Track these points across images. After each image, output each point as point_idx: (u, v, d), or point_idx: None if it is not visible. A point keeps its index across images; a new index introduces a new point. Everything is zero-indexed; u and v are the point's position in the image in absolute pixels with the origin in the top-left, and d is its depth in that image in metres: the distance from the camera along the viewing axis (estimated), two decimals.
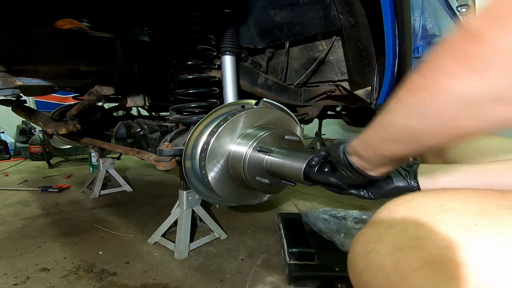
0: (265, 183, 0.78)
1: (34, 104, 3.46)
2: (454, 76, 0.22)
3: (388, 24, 0.88)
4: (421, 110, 0.27)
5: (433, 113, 0.26)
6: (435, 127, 0.27)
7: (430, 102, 0.25)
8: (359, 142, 0.43)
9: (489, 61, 0.20)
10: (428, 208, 0.30)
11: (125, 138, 1.28)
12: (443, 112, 0.25)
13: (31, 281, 0.94)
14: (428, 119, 0.26)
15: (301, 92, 1.42)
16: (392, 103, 0.31)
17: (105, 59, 1.10)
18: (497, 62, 0.20)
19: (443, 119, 0.25)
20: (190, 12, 0.94)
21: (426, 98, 0.25)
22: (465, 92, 0.22)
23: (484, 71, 0.20)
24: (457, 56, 0.22)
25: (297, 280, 0.92)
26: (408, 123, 0.29)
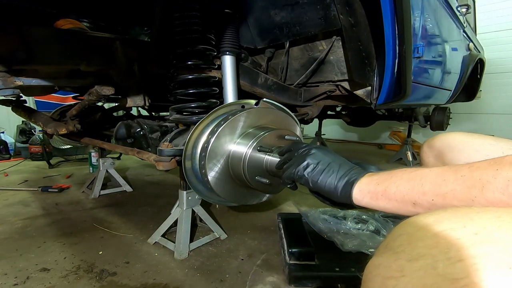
0: (265, 183, 0.78)
1: (34, 104, 3.46)
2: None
3: (388, 24, 0.88)
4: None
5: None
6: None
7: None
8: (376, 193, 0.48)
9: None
10: (460, 236, 0.25)
11: (125, 138, 1.28)
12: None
13: (31, 281, 0.94)
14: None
15: (301, 92, 1.42)
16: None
17: (105, 59, 1.09)
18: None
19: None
20: (190, 12, 0.93)
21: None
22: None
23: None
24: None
25: (297, 280, 0.92)
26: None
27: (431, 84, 1.48)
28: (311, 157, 0.61)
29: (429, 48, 1.35)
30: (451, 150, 0.71)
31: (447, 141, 0.73)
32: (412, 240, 0.27)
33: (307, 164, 0.60)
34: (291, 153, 0.67)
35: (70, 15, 1.23)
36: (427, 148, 0.79)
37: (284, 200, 1.69)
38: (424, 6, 1.18)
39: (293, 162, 0.64)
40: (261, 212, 1.52)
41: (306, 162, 0.60)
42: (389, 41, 0.91)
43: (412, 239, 0.28)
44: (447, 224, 0.26)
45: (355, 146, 4.27)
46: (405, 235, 0.29)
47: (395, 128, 3.77)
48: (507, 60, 3.40)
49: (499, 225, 0.24)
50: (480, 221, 0.26)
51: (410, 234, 0.28)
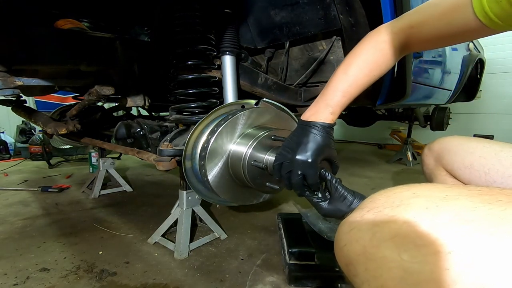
0: (260, 167, 0.78)
1: (34, 104, 3.46)
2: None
3: None
4: None
5: None
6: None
7: None
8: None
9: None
10: (402, 195, 0.37)
11: (125, 138, 1.28)
12: None
13: (31, 281, 0.94)
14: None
15: (301, 92, 1.42)
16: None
17: (105, 59, 1.09)
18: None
19: None
20: (190, 12, 0.93)
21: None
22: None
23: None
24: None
25: (297, 280, 0.92)
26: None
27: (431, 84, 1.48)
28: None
29: None
30: (448, 153, 0.75)
31: (444, 144, 0.78)
32: (373, 200, 0.40)
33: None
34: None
35: (70, 15, 1.23)
36: (427, 151, 0.83)
37: (284, 200, 1.70)
38: None
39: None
40: (261, 212, 1.52)
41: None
42: None
43: (373, 200, 0.40)
44: (397, 190, 0.39)
45: (355, 146, 4.27)
46: (370, 199, 0.41)
47: (395, 128, 3.77)
48: (507, 60, 3.40)
49: (429, 188, 0.37)
50: (419, 186, 0.38)
51: (372, 197, 0.41)
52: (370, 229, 0.36)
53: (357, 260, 0.36)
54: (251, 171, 0.79)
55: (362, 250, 0.36)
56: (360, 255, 0.36)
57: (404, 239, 0.32)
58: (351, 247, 0.38)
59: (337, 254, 0.42)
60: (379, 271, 0.33)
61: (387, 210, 0.36)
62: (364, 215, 0.38)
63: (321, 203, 0.64)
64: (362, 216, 0.38)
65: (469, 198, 0.33)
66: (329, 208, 0.63)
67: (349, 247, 0.38)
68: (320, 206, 0.64)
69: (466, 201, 0.33)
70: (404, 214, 0.34)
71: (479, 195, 0.34)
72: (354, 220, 0.39)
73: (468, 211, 0.31)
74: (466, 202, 0.33)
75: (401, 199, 0.36)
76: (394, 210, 0.35)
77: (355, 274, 0.37)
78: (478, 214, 0.31)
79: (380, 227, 0.35)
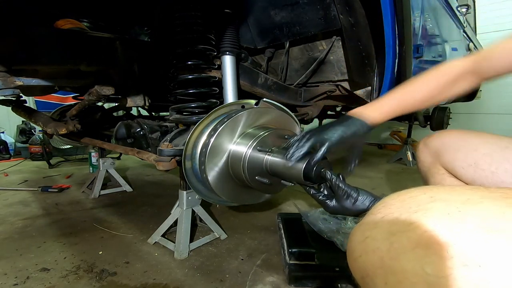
0: (264, 182, 0.78)
1: (34, 104, 3.46)
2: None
3: (388, 24, 0.88)
4: None
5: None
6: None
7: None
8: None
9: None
10: (419, 199, 0.34)
11: (125, 138, 1.28)
12: None
13: (31, 281, 0.94)
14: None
15: (301, 92, 1.42)
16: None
17: (105, 59, 1.09)
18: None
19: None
20: (190, 12, 0.93)
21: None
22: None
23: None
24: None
25: (297, 280, 0.92)
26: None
27: None
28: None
29: (429, 48, 1.35)
30: (448, 150, 0.70)
31: (444, 140, 0.72)
32: (387, 205, 0.37)
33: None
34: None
35: (70, 15, 1.23)
36: (423, 146, 0.77)
37: (284, 200, 1.69)
38: (424, 6, 1.18)
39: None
40: (261, 212, 1.51)
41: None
42: (389, 41, 0.91)
43: (386, 205, 0.37)
44: (412, 194, 0.36)
45: None
46: (382, 204, 0.38)
47: (395, 128, 3.77)
48: None
49: (447, 191, 0.35)
50: (435, 189, 0.35)
51: (385, 202, 0.38)
52: (386, 238, 0.33)
53: (374, 273, 0.33)
54: (251, 171, 0.79)
55: (380, 263, 0.32)
56: (378, 268, 0.33)
57: (426, 251, 0.29)
58: (367, 258, 0.35)
59: (351, 265, 0.39)
60: (401, 286, 0.30)
61: (404, 217, 0.33)
62: (378, 222, 0.35)
63: (327, 201, 0.63)
64: (376, 224, 0.35)
65: (493, 202, 0.30)
66: (335, 206, 0.62)
67: (364, 259, 0.35)
68: (326, 205, 0.63)
69: (491, 205, 0.30)
70: (424, 221, 0.31)
71: (503, 198, 0.31)
72: (366, 227, 0.36)
73: (496, 217, 0.28)
74: (491, 207, 0.30)
75: (418, 203, 0.33)
76: (411, 216, 0.32)
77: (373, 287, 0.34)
78: (508, 220, 0.28)
79: (398, 237, 0.32)
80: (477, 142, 0.66)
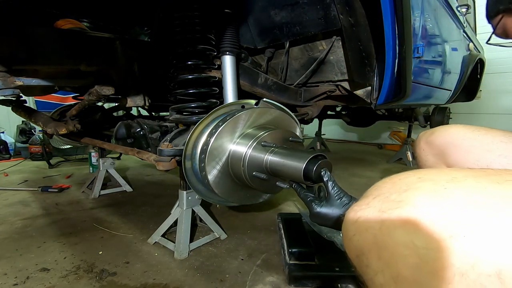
0: (262, 178, 0.78)
1: (34, 104, 3.46)
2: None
3: (388, 24, 0.88)
4: None
5: None
6: None
7: None
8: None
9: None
10: (408, 180, 0.36)
11: (125, 138, 1.28)
12: None
13: (31, 281, 0.94)
14: None
15: (301, 92, 1.42)
16: None
17: (105, 59, 1.09)
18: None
19: None
20: (190, 12, 0.93)
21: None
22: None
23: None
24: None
25: (297, 280, 0.92)
26: None
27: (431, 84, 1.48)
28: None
29: (429, 48, 1.35)
30: (456, 150, 0.63)
31: (449, 138, 0.65)
32: (378, 188, 0.39)
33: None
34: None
35: (70, 15, 1.23)
36: (425, 145, 0.70)
37: (284, 200, 1.69)
38: (424, 6, 1.18)
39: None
40: (261, 212, 1.52)
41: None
42: (389, 41, 0.91)
43: (378, 187, 0.39)
44: (402, 176, 0.38)
45: (355, 146, 4.27)
46: (375, 187, 0.40)
47: (395, 128, 3.77)
48: (507, 60, 3.40)
49: (435, 172, 0.37)
50: (424, 171, 0.37)
51: (377, 185, 0.40)
52: (378, 217, 0.35)
53: (369, 250, 0.35)
54: (251, 171, 0.79)
55: (373, 240, 0.34)
56: (372, 244, 0.35)
57: (415, 225, 0.31)
58: (360, 236, 0.37)
59: (346, 245, 0.41)
60: (394, 259, 0.32)
61: (394, 196, 0.35)
62: (370, 202, 0.37)
63: (315, 203, 0.62)
64: (368, 204, 0.37)
65: (476, 179, 0.32)
66: (321, 209, 0.60)
67: (358, 237, 0.37)
68: (312, 206, 0.62)
69: (474, 182, 0.32)
70: (412, 199, 0.33)
71: (486, 175, 0.33)
72: (359, 208, 0.38)
73: (478, 192, 0.30)
74: (475, 183, 0.32)
75: (407, 184, 0.35)
76: (401, 195, 0.34)
77: (368, 264, 0.36)
78: (489, 195, 0.30)
79: (388, 214, 0.34)
80: (489, 141, 0.60)
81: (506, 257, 0.26)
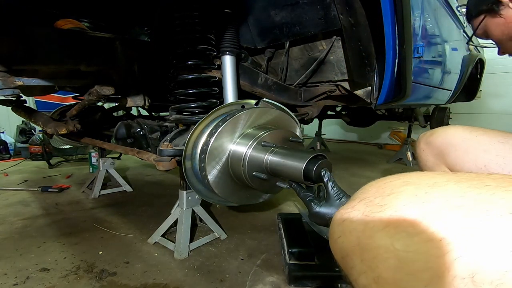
0: (262, 178, 0.78)
1: (34, 104, 3.46)
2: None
3: (388, 24, 0.88)
4: None
5: None
6: None
7: None
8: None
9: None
10: (393, 184, 0.37)
11: (125, 138, 1.28)
12: None
13: (31, 281, 0.94)
14: None
15: (301, 92, 1.42)
16: None
17: (105, 59, 1.09)
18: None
19: None
20: (190, 12, 0.93)
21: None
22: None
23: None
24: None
25: (297, 280, 0.92)
26: None
27: (431, 84, 1.48)
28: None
29: (429, 48, 1.35)
30: (455, 150, 0.65)
31: (448, 138, 0.68)
32: (364, 191, 0.40)
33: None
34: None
35: (70, 15, 1.23)
36: (425, 145, 0.73)
37: (284, 200, 1.69)
38: (424, 6, 1.18)
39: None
40: (261, 212, 1.52)
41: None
42: (389, 41, 0.91)
43: (364, 190, 0.40)
44: (388, 180, 0.39)
45: (355, 146, 4.27)
46: (361, 190, 0.41)
47: (395, 128, 3.77)
48: (507, 60, 3.40)
49: (418, 176, 0.37)
50: (408, 175, 0.38)
51: (364, 188, 0.41)
52: (362, 219, 0.36)
53: (352, 252, 0.36)
54: (251, 171, 0.79)
55: (357, 241, 0.36)
56: (355, 246, 0.36)
57: (396, 228, 0.32)
58: (345, 238, 0.38)
59: (332, 248, 0.42)
60: (375, 261, 0.33)
61: (378, 200, 0.36)
62: (355, 206, 0.38)
63: (314, 203, 0.62)
64: (353, 207, 0.38)
65: (457, 184, 0.33)
66: (320, 208, 0.61)
67: (343, 239, 0.38)
68: (311, 206, 0.62)
69: (454, 187, 0.33)
70: (394, 203, 0.34)
71: (467, 180, 0.34)
72: (345, 211, 0.39)
73: (457, 196, 0.31)
74: (455, 188, 0.33)
75: (391, 188, 0.36)
76: (384, 199, 0.35)
77: (352, 266, 0.37)
78: (467, 199, 0.31)
79: (371, 218, 0.35)
80: (486, 141, 0.62)
81: (480, 260, 0.26)
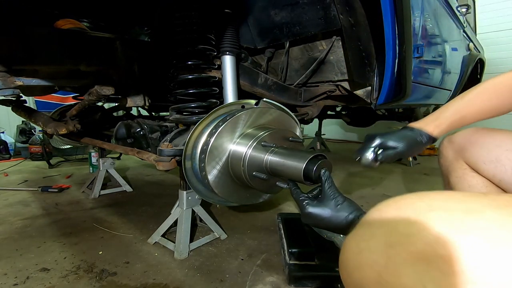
0: (262, 178, 0.78)
1: (34, 104, 3.46)
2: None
3: (388, 24, 0.89)
4: None
5: None
6: None
7: None
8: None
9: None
10: (416, 207, 0.32)
11: (125, 138, 1.28)
12: None
13: (31, 281, 0.94)
14: None
15: (301, 92, 1.42)
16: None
17: (105, 59, 1.09)
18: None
19: None
20: (190, 12, 0.93)
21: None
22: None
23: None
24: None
25: (297, 280, 0.92)
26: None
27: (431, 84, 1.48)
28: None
29: (429, 48, 1.35)
30: (472, 146, 0.71)
31: (468, 136, 0.74)
32: (382, 213, 0.34)
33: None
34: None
35: (70, 15, 1.23)
36: (447, 143, 0.80)
37: (284, 200, 1.69)
38: (424, 6, 1.18)
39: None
40: (261, 212, 1.52)
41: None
42: (389, 41, 0.91)
43: (381, 212, 0.35)
44: (408, 200, 0.34)
45: (355, 146, 4.26)
46: (377, 211, 0.36)
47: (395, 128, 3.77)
48: (507, 60, 3.40)
49: (444, 198, 0.32)
50: (431, 196, 0.33)
51: (380, 210, 0.35)
52: (384, 251, 0.31)
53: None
54: (251, 171, 0.79)
55: (377, 278, 0.30)
56: (375, 283, 0.31)
57: (428, 266, 0.27)
58: (363, 273, 0.32)
59: (345, 280, 0.36)
60: None
61: (401, 228, 0.31)
62: (374, 232, 0.33)
63: (307, 203, 0.60)
64: (372, 235, 0.33)
65: (497, 211, 0.28)
66: (314, 210, 0.59)
67: (360, 274, 0.33)
68: (305, 206, 0.60)
69: (494, 215, 0.28)
70: (424, 233, 0.28)
71: (506, 206, 0.29)
72: (361, 238, 0.34)
73: (502, 228, 0.27)
74: (495, 216, 0.28)
75: (415, 212, 0.31)
76: (410, 227, 0.30)
77: None
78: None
79: (396, 250, 0.30)
80: (501, 138, 0.67)
81: None
